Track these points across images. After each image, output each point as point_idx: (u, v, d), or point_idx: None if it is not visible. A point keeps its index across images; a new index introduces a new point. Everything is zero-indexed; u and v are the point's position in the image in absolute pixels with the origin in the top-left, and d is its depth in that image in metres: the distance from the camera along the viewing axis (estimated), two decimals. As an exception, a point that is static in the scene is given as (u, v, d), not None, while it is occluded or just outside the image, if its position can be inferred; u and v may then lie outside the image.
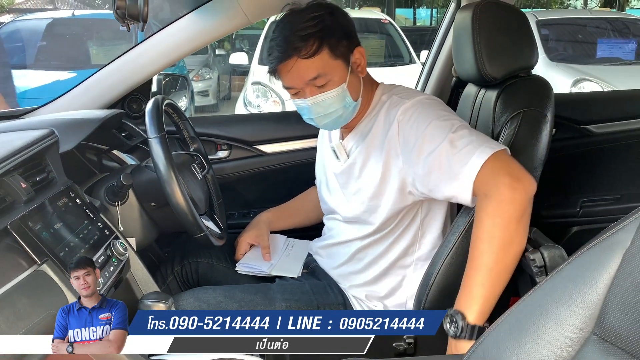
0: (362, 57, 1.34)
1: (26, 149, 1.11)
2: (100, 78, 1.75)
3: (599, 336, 0.83)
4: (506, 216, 1.12)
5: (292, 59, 1.26)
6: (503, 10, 1.41)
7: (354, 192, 1.39)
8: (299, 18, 1.28)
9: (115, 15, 0.90)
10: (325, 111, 1.30)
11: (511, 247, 1.13)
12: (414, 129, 1.24)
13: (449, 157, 1.18)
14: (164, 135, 1.32)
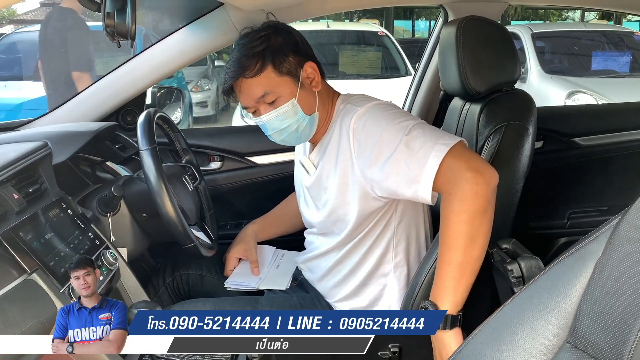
0: (315, 72, 1.35)
1: (19, 161, 1.14)
2: (95, 91, 1.78)
3: (571, 344, 0.85)
4: (471, 211, 1.14)
5: (239, 80, 1.31)
6: (486, 26, 1.45)
7: (323, 203, 1.41)
8: (247, 40, 1.32)
9: (105, 33, 0.94)
10: (279, 126, 1.33)
11: (478, 239, 1.15)
12: (368, 137, 1.25)
13: (406, 160, 1.19)
14: (154, 148, 1.35)
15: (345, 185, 1.32)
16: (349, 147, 1.29)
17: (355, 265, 1.40)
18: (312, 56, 1.38)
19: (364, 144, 1.26)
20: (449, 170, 1.16)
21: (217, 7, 1.68)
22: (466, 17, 1.44)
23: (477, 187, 1.14)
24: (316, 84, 1.36)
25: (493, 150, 1.36)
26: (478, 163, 1.17)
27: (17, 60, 5.99)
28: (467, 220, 1.14)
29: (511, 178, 1.35)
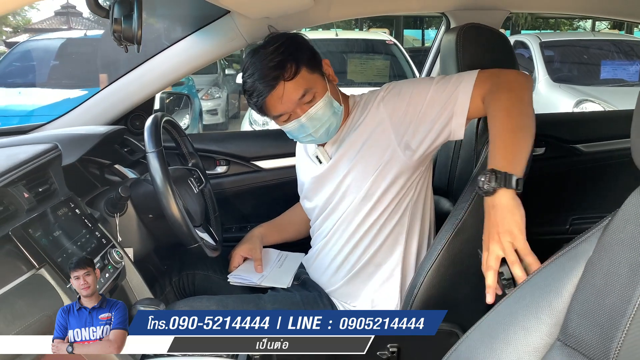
0: (329, 67, 1.45)
1: (30, 162, 1.18)
2: (105, 96, 1.83)
3: (562, 342, 0.88)
4: (517, 92, 1.23)
5: (280, 85, 1.35)
6: (485, 33, 1.48)
7: (337, 183, 1.45)
8: (264, 53, 1.37)
9: (113, 38, 0.98)
10: (319, 122, 1.39)
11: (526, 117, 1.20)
12: (400, 96, 1.37)
13: (440, 96, 1.32)
14: (161, 150, 1.39)
15: (369, 154, 1.39)
16: (380, 115, 1.38)
17: (360, 259, 1.44)
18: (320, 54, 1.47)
19: (396, 106, 1.37)
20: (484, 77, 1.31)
21: (223, 15, 1.72)
22: (466, 25, 1.47)
23: (518, 75, 1.29)
24: (334, 77, 1.46)
25: (491, 156, 1.38)
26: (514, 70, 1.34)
27: (31, 67, 6.10)
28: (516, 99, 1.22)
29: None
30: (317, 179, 1.51)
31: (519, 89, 1.25)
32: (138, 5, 0.93)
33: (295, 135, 1.44)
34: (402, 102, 1.36)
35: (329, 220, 1.50)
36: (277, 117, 1.41)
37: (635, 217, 0.82)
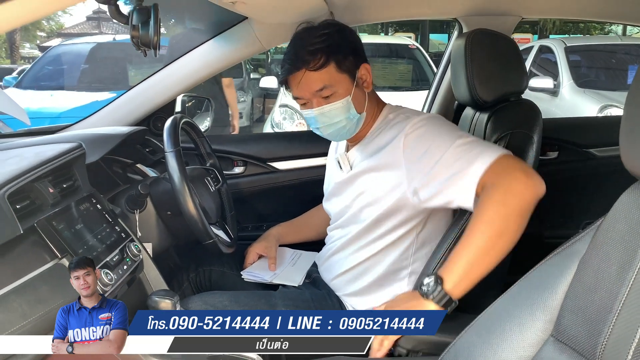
0: (368, 73, 1.42)
1: (55, 159, 1.26)
2: (128, 99, 1.91)
3: (555, 337, 0.91)
4: (510, 207, 1.15)
5: (301, 71, 1.36)
6: (494, 38, 1.51)
7: (351, 200, 1.46)
8: (309, 35, 1.38)
9: (132, 43, 1.05)
10: (330, 121, 1.39)
11: (506, 236, 1.16)
12: (422, 141, 1.30)
13: (457, 157, 1.23)
14: (179, 150, 1.46)
15: (383, 186, 1.37)
16: (400, 151, 1.33)
17: (370, 264, 1.45)
18: (366, 58, 1.44)
19: (416, 150, 1.30)
20: (499, 167, 1.18)
21: (241, 21, 1.79)
22: (475, 30, 1.50)
23: (525, 188, 1.15)
24: (368, 84, 1.43)
25: (498, 157, 1.41)
26: (530, 169, 1.21)
27: (62, 71, 6.27)
28: (503, 214, 1.15)
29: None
30: (338, 185, 1.53)
31: (515, 204, 1.15)
32: (155, 13, 1.00)
33: (308, 123, 1.45)
34: (420, 148, 1.30)
35: (341, 230, 1.53)
36: (295, 98, 1.42)
37: (625, 217, 0.85)
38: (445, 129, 1.31)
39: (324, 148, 2.03)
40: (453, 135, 1.28)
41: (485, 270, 1.17)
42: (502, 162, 1.19)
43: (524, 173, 1.17)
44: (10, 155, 1.30)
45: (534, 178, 1.18)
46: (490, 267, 1.17)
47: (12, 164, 1.19)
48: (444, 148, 1.25)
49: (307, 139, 2.11)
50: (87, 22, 24.77)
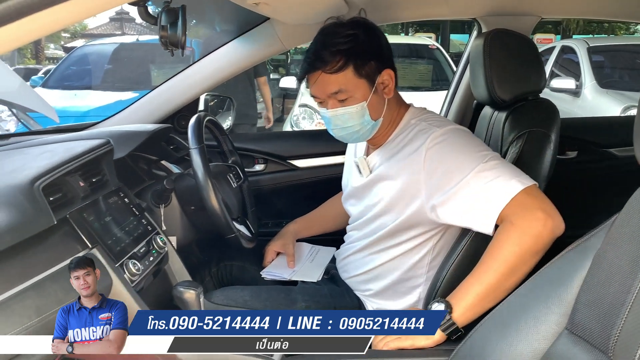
0: (391, 79, 1.38)
1: (85, 155, 1.31)
2: (153, 97, 1.96)
3: (569, 330, 0.93)
4: (525, 248, 1.15)
5: (317, 72, 1.34)
6: (512, 38, 1.53)
7: (370, 205, 1.46)
8: (334, 33, 1.35)
9: (160, 42, 1.10)
10: (342, 124, 1.37)
11: (516, 274, 1.17)
12: (443, 159, 1.26)
13: (477, 188, 1.20)
14: (202, 147, 1.50)
15: (401, 197, 1.35)
16: (420, 164, 1.29)
17: (385, 269, 1.45)
18: (391, 63, 1.40)
19: (437, 165, 1.27)
20: (519, 205, 1.17)
21: (263, 22, 1.83)
22: (493, 30, 1.52)
23: (543, 229, 1.15)
24: (389, 90, 1.38)
25: (515, 155, 1.43)
26: (551, 207, 1.19)
27: (86, 71, 6.39)
28: (517, 254, 1.16)
29: (532, 182, 1.41)
30: (356, 190, 1.53)
31: (531, 245, 1.16)
32: (182, 14, 1.04)
33: (324, 122, 1.43)
34: (441, 167, 1.27)
35: (358, 232, 1.54)
36: (312, 96, 1.41)
37: (639, 212, 0.87)
38: (468, 147, 1.28)
39: (344, 146, 2.06)
40: (476, 155, 1.25)
41: (492, 303, 1.17)
42: (525, 197, 1.18)
43: (545, 213, 1.16)
44: (42, 151, 1.35)
45: (555, 218, 1.18)
46: (497, 300, 1.17)
47: (45, 158, 1.25)
48: (466, 170, 1.23)
49: (327, 137, 2.13)
50: (109, 23, 25.13)
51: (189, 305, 1.19)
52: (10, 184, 1.06)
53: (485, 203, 1.20)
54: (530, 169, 1.40)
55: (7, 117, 4.68)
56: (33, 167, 1.16)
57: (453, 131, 1.32)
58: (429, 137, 1.30)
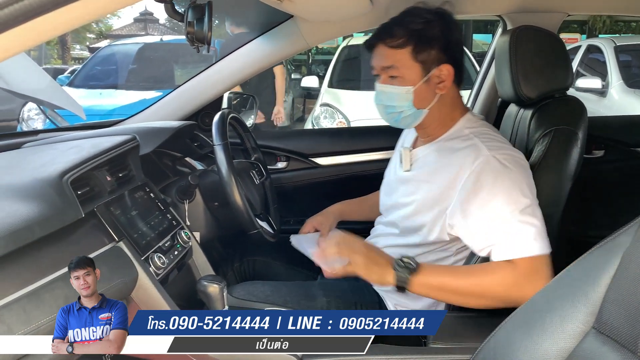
0: (449, 76, 1.34)
1: (112, 150, 1.33)
2: (178, 95, 1.98)
3: (597, 329, 0.91)
4: (508, 298, 1.20)
5: (379, 43, 1.35)
6: (539, 35, 1.50)
7: (400, 203, 1.45)
8: (411, 14, 1.35)
9: (186, 39, 1.11)
10: (384, 102, 1.36)
11: (480, 301, 1.23)
12: (482, 187, 1.24)
13: (497, 236, 1.21)
14: (226, 143, 1.51)
15: (431, 205, 1.34)
16: (459, 182, 1.27)
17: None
18: (456, 61, 1.37)
19: (473, 191, 1.25)
20: (533, 265, 1.20)
21: (287, 19, 1.83)
22: (520, 27, 1.50)
23: (530, 295, 1.14)
24: (443, 87, 1.35)
25: (541, 153, 1.40)
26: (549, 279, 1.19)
27: (111, 71, 6.49)
28: (498, 297, 1.20)
29: (558, 181, 1.39)
30: (392, 181, 1.52)
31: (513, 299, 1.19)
32: (209, 10, 1.05)
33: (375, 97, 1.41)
34: (477, 195, 1.24)
35: (384, 227, 1.53)
36: (371, 67, 1.40)
37: (670, 209, 0.85)
38: (508, 185, 1.23)
39: (366, 144, 2.06)
40: (516, 201, 1.22)
41: (443, 299, 1.27)
42: (539, 262, 1.20)
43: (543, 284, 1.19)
44: (71, 146, 1.38)
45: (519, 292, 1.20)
46: (448, 301, 1.28)
47: (73, 153, 1.27)
48: (494, 213, 1.22)
49: (349, 136, 2.15)
50: (134, 24, 25.47)
51: (213, 299, 1.21)
52: (39, 177, 1.08)
53: (502, 244, 1.22)
54: (557, 167, 1.39)
55: (35, 116, 4.79)
56: (62, 161, 1.18)
57: (501, 163, 1.26)
58: (478, 159, 1.26)
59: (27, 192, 1.02)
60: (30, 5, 0.46)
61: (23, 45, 0.49)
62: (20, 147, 1.54)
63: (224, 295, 1.22)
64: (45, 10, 0.47)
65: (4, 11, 0.44)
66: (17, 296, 0.88)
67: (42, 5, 0.47)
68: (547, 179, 1.37)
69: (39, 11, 0.46)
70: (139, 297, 1.17)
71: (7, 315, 0.85)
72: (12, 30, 0.45)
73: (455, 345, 1.18)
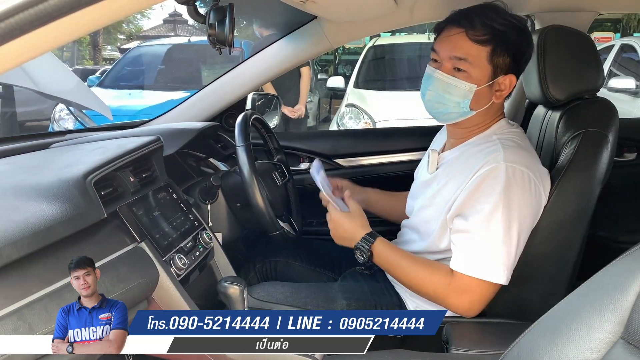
0: (509, 88, 1.32)
1: (136, 151, 1.35)
2: (202, 96, 2.00)
3: (625, 340, 0.88)
4: (433, 300, 1.32)
5: (459, 30, 1.28)
6: (568, 35, 1.46)
7: (422, 204, 1.44)
8: (495, 11, 1.29)
9: (208, 41, 1.11)
10: (438, 91, 1.31)
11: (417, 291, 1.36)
12: (481, 192, 1.24)
13: (470, 244, 1.25)
14: (249, 145, 1.51)
15: (446, 208, 1.33)
16: (467, 183, 1.28)
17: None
18: (519, 73, 1.36)
19: (470, 194, 1.26)
20: (460, 283, 1.26)
21: (311, 20, 1.83)
22: (548, 26, 1.46)
23: (465, 312, 1.28)
24: (500, 96, 1.33)
25: (569, 156, 1.36)
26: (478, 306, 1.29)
27: (140, 71, 6.60)
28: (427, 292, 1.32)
29: (586, 185, 1.35)
30: (418, 184, 1.51)
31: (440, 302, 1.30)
32: (230, 12, 1.05)
33: (423, 81, 1.37)
34: (469, 199, 1.27)
35: (409, 230, 1.52)
36: (433, 50, 1.35)
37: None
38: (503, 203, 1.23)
39: (389, 146, 2.04)
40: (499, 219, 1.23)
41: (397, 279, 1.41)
42: (478, 285, 1.25)
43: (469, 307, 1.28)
44: (96, 147, 1.40)
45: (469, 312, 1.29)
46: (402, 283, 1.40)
47: (97, 154, 1.29)
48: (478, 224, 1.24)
49: (372, 137, 2.13)
50: (163, 25, 25.86)
51: (233, 300, 1.21)
52: (64, 178, 1.10)
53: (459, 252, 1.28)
54: (585, 171, 1.35)
55: (66, 116, 4.89)
56: (86, 162, 1.20)
57: (513, 175, 1.24)
58: (490, 165, 1.25)
59: (52, 192, 1.04)
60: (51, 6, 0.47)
61: (36, 51, 0.49)
62: (48, 147, 1.57)
63: (245, 297, 1.22)
64: (62, 14, 0.47)
65: (20, 16, 0.44)
66: (39, 295, 0.90)
67: (58, 9, 0.47)
68: (575, 183, 1.33)
69: (55, 15, 0.47)
70: (159, 297, 1.17)
71: (29, 314, 0.86)
72: (29, 35, 0.45)
73: (478, 352, 1.16)
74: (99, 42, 21.11)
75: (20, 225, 0.91)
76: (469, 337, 1.23)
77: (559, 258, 1.37)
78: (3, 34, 0.44)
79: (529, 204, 1.26)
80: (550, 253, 1.35)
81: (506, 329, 1.25)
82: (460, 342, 1.20)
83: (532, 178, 1.26)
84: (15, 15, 0.44)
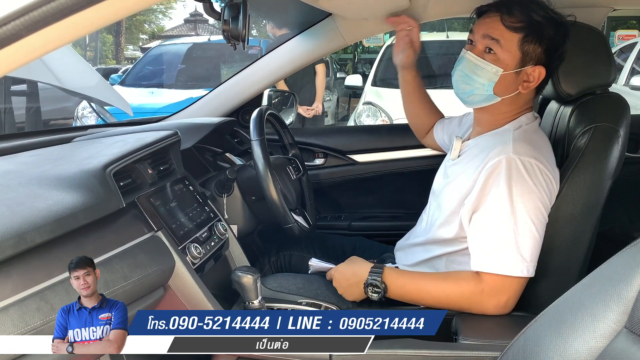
0: (537, 79, 1.34)
1: (154, 144, 1.39)
2: (219, 93, 2.04)
3: (629, 329, 0.90)
4: (468, 309, 1.28)
5: (496, 14, 1.31)
6: (580, 30, 1.47)
7: (438, 192, 1.46)
8: (542, 5, 1.33)
9: (223, 37, 1.15)
10: (466, 71, 1.35)
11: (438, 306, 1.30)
12: (492, 187, 1.25)
13: (486, 241, 1.25)
14: (263, 139, 1.55)
15: (457, 198, 1.35)
16: (477, 178, 1.29)
17: (441, 264, 1.44)
18: (551, 70, 1.37)
19: (482, 190, 1.27)
20: (491, 284, 1.25)
21: (325, 17, 1.86)
22: (560, 22, 1.47)
23: (494, 311, 1.27)
24: (527, 86, 1.34)
25: (580, 151, 1.36)
26: (515, 299, 1.28)
27: (161, 70, 6.70)
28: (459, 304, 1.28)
29: (597, 179, 1.35)
30: (441, 171, 1.53)
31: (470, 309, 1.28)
32: (244, 9, 1.09)
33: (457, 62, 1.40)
34: (482, 195, 1.27)
35: (427, 216, 1.53)
36: (470, 31, 1.38)
37: None
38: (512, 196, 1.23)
39: (404, 142, 2.06)
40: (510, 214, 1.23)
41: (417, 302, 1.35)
42: (509, 282, 1.24)
43: (502, 305, 1.26)
44: (116, 140, 1.45)
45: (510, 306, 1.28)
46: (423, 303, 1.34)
47: (117, 147, 1.34)
48: (490, 221, 1.25)
49: (387, 133, 2.15)
50: (184, 25, 26.14)
51: (247, 289, 1.24)
52: (85, 169, 1.14)
53: (480, 253, 1.26)
54: (596, 165, 1.36)
55: (88, 114, 5.00)
56: (106, 154, 1.25)
57: (523, 167, 1.25)
58: (499, 156, 1.26)
59: (73, 182, 1.08)
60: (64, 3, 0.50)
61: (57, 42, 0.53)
62: (70, 142, 1.63)
63: (258, 286, 1.25)
64: (79, 8, 0.51)
65: (42, 9, 0.48)
66: (61, 278, 0.94)
67: (77, 3, 0.51)
68: (585, 176, 1.34)
69: (74, 9, 0.50)
70: (175, 284, 1.21)
71: (50, 295, 0.91)
72: (48, 28, 0.49)
73: (485, 342, 1.18)
74: (121, 42, 21.42)
75: (43, 212, 0.95)
76: (478, 328, 1.25)
77: (569, 252, 1.37)
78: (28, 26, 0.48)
79: (540, 194, 1.27)
80: (561, 246, 1.35)
81: (514, 321, 1.27)
82: (468, 331, 1.22)
83: (540, 168, 1.27)
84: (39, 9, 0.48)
